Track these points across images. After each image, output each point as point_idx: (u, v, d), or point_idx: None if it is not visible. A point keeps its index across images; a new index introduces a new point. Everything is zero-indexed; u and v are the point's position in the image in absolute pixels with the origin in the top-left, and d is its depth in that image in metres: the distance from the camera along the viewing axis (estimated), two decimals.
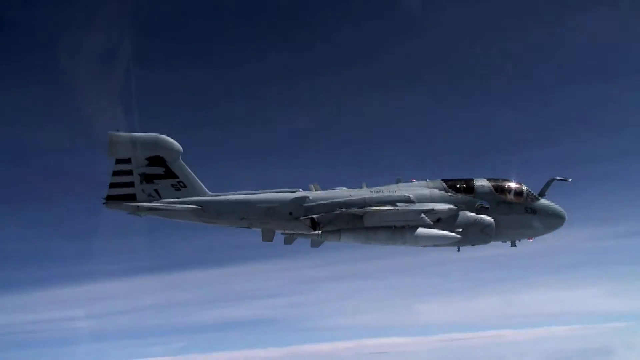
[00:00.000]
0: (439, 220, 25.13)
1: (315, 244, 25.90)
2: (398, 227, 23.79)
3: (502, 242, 27.25)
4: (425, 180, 27.21)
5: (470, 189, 26.70)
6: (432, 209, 24.55)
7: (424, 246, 25.01)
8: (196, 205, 25.07)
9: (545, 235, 27.85)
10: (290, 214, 25.28)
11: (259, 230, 25.97)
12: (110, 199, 24.64)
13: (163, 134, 25.77)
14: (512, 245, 27.53)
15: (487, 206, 26.45)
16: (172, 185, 25.16)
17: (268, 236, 26.01)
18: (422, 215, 23.82)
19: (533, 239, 27.73)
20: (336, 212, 24.10)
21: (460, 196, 26.43)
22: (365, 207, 24.78)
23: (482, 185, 26.82)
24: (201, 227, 26.37)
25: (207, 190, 25.67)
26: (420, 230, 24.04)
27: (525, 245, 27.95)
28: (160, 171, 25.10)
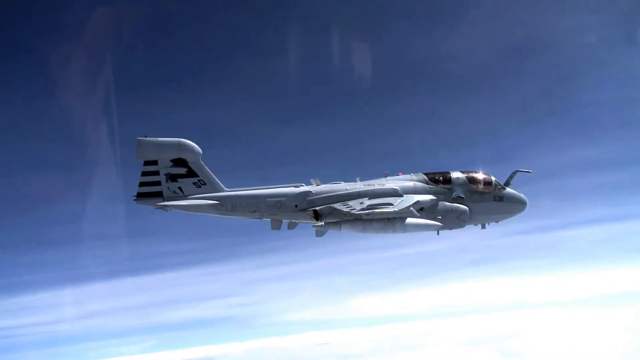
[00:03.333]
0: (422, 210, 29.19)
1: (320, 233, 29.22)
2: (390, 219, 27.91)
3: (475, 225, 31.87)
4: (410, 174, 31.30)
5: (447, 180, 30.77)
6: (418, 201, 28.81)
7: (411, 232, 29.28)
8: (215, 200, 28.68)
9: (510, 218, 32.69)
10: (296, 206, 29.09)
11: (269, 220, 29.88)
12: (140, 196, 28.04)
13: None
14: (482, 228, 32.05)
15: (462, 196, 30.78)
16: (194, 183, 28.63)
17: (276, 225, 29.79)
18: (411, 208, 28.00)
19: (501, 222, 32.48)
20: (340, 210, 27.73)
21: (440, 187, 30.48)
22: (360, 197, 29.01)
23: (457, 177, 30.93)
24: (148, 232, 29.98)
25: (223, 187, 29.18)
26: (409, 220, 28.03)
27: (456, 238, 32.67)
28: (183, 171, 28.40)
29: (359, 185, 30.01)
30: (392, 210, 26.75)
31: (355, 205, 27.57)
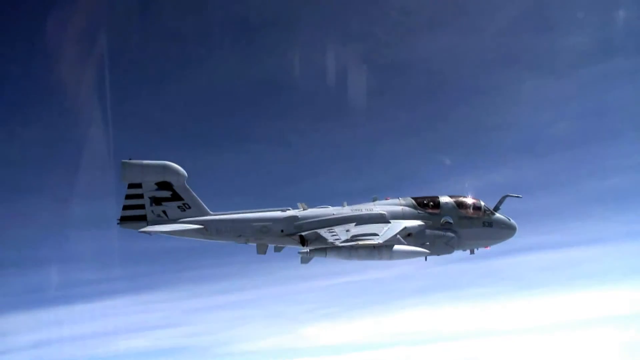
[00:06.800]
0: (409, 235, 28.88)
1: (305, 260, 28.44)
2: (377, 246, 27.54)
3: (463, 251, 31.57)
4: (398, 198, 31.00)
5: (436, 205, 30.40)
6: (405, 227, 28.41)
7: (398, 259, 28.87)
8: (199, 224, 28.31)
9: (498, 244, 32.42)
10: (282, 231, 28.79)
11: (254, 245, 29.50)
12: (123, 219, 27.73)
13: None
14: (471, 253, 31.75)
15: (451, 221, 30.45)
16: (178, 207, 28.32)
17: (262, 250, 29.44)
18: (397, 236, 27.62)
19: (489, 247, 32.19)
20: (326, 239, 27.14)
21: (428, 212, 30.14)
22: (347, 222, 28.67)
23: (446, 202, 30.56)
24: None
25: (209, 210, 28.85)
26: (396, 247, 27.56)
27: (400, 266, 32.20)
28: (167, 194, 28.12)
29: (346, 210, 29.68)
30: (376, 242, 26.38)
31: (341, 235, 27.13)
